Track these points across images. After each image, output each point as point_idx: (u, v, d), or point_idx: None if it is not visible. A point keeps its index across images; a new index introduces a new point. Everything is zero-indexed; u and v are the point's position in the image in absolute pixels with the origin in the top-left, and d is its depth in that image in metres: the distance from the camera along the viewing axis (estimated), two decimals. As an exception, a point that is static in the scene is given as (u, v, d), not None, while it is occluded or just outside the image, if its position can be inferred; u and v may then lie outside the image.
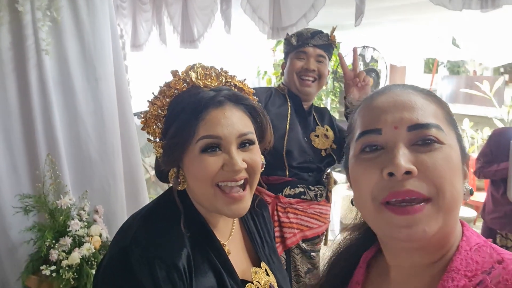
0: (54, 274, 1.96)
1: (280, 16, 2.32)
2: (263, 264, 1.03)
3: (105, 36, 2.42)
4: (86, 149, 2.40)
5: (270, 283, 1.00)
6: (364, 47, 4.91)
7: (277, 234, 1.77)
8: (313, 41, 1.87)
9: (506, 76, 6.94)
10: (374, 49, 4.83)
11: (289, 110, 1.89)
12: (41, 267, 1.97)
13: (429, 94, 0.66)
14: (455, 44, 4.92)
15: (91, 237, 2.14)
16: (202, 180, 0.88)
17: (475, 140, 5.87)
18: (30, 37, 2.19)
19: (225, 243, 0.97)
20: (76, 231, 2.10)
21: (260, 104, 0.99)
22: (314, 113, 2.02)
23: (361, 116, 0.67)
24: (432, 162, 0.58)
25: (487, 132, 5.54)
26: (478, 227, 3.09)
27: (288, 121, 1.86)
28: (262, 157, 0.98)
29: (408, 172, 0.57)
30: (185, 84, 0.92)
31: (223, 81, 0.95)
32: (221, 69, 0.97)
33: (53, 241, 2.03)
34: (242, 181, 0.90)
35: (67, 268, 1.97)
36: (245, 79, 1.01)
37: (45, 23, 2.18)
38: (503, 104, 5.92)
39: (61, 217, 2.12)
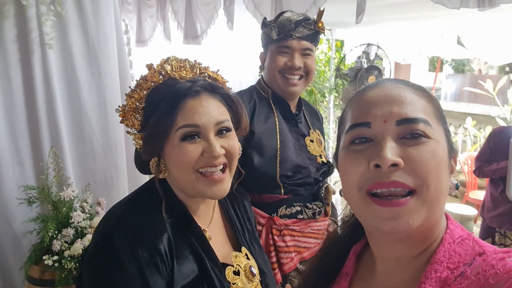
0: (56, 264, 2.00)
1: (282, 13, 2.33)
2: (243, 248, 1.07)
3: (109, 31, 2.44)
4: (89, 142, 2.43)
5: (250, 266, 1.04)
6: (368, 44, 4.90)
7: (273, 259, 1.58)
8: (297, 33, 1.57)
9: (511, 75, 6.91)
10: (378, 47, 4.83)
11: (276, 121, 1.64)
12: (44, 257, 2.01)
13: (420, 89, 0.68)
14: (460, 43, 4.91)
15: (93, 228, 2.18)
16: (183, 167, 0.92)
17: (478, 138, 5.87)
18: (35, 30, 2.22)
19: (206, 229, 1.00)
20: (78, 222, 2.13)
21: (234, 93, 1.03)
22: (305, 115, 1.79)
23: (352, 109, 0.68)
24: (418, 155, 0.60)
25: (489, 131, 5.53)
26: (479, 225, 3.09)
27: (278, 137, 1.61)
28: (239, 144, 1.02)
29: (395, 165, 0.59)
30: (161, 77, 0.96)
31: (198, 72, 0.99)
32: (195, 61, 1.01)
33: (56, 232, 2.07)
34: (221, 166, 0.95)
35: (69, 258, 2.01)
36: (218, 70, 1.05)
37: (49, 18, 2.21)
38: (507, 103, 5.91)
39: (64, 209, 2.16)
